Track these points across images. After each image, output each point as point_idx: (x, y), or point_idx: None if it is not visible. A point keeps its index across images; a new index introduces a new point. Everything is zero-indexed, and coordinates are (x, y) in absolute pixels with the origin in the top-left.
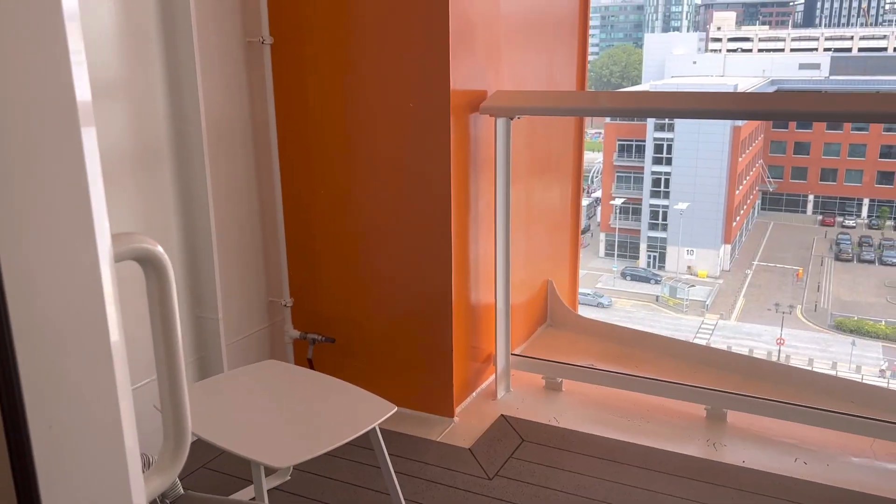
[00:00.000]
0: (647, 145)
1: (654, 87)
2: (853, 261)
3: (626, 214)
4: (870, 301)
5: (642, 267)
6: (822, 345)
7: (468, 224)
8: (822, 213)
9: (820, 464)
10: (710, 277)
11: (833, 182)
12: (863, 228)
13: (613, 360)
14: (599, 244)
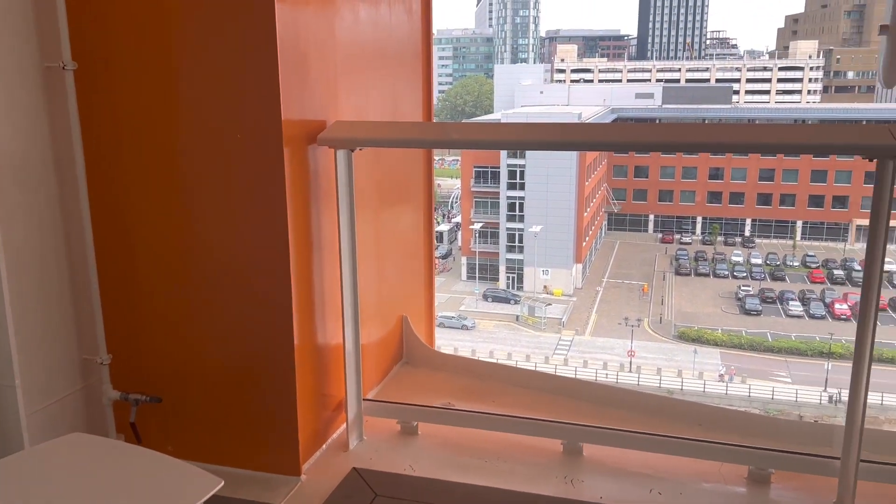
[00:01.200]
0: (501, 171)
1: (506, 116)
2: (691, 274)
3: (486, 238)
4: (707, 311)
5: (502, 288)
6: (668, 354)
7: (311, 260)
8: (661, 232)
9: (674, 493)
10: (564, 295)
11: (670, 202)
12: (698, 244)
13: (471, 396)
14: (461, 268)
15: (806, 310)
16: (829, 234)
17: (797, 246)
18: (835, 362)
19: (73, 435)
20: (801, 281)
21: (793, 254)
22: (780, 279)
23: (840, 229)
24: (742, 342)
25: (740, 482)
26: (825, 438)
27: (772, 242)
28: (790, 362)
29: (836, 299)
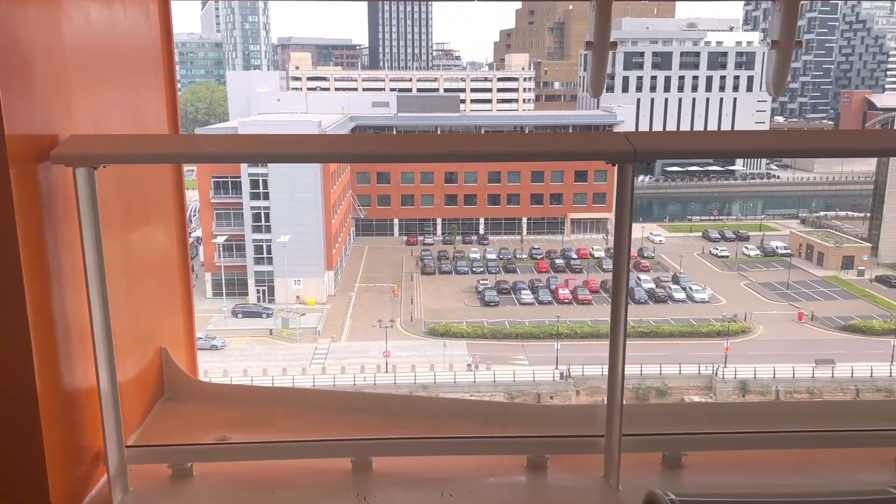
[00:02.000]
0: (243, 181)
1: (243, 124)
2: (436, 273)
3: (231, 251)
4: (452, 306)
5: (253, 303)
6: (420, 351)
7: (50, 294)
8: (406, 234)
9: (464, 493)
10: (318, 304)
11: (412, 206)
12: (440, 244)
13: (249, 426)
14: (206, 284)
15: (536, 297)
16: (549, 228)
17: (524, 240)
18: (562, 342)
19: None
20: (529, 272)
21: (521, 248)
22: (512, 271)
23: (558, 223)
24: (485, 332)
25: (521, 471)
26: (590, 419)
27: (503, 239)
28: (526, 346)
29: (559, 285)
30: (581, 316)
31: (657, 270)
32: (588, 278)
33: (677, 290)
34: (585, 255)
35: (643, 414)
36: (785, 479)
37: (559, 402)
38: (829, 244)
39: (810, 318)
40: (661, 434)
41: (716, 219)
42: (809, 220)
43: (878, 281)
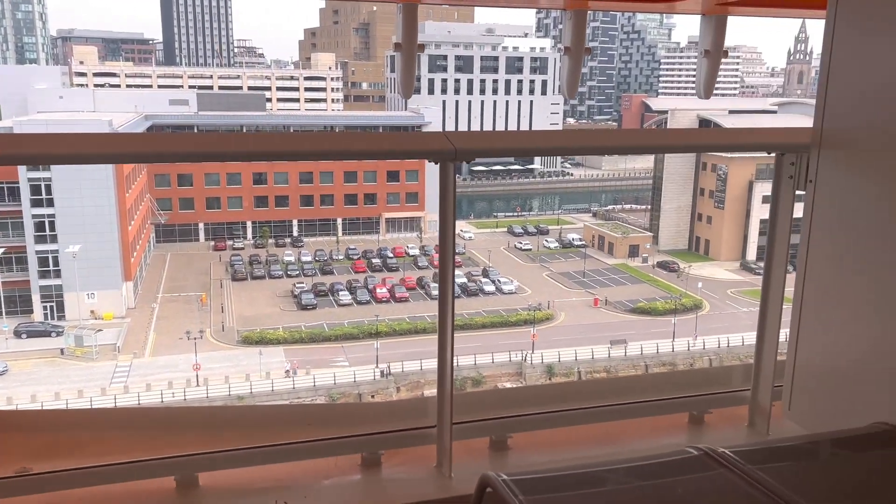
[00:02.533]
0: (21, 187)
1: (20, 124)
2: (248, 279)
3: (10, 265)
4: (267, 312)
5: (39, 321)
6: (234, 361)
7: None
8: (213, 239)
9: (299, 498)
10: (116, 318)
11: (218, 209)
12: (251, 248)
13: (57, 454)
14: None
15: (354, 297)
16: (365, 227)
17: (340, 241)
18: (382, 340)
19: None
20: (346, 272)
21: (337, 249)
22: (329, 273)
23: (373, 223)
24: (303, 336)
25: (356, 470)
26: (421, 411)
27: (318, 240)
28: (346, 347)
29: (377, 284)
30: (399, 313)
31: (468, 265)
32: (404, 276)
33: (487, 283)
34: (401, 254)
35: (470, 402)
36: (599, 451)
37: (389, 398)
38: (618, 234)
39: (604, 303)
40: (487, 419)
41: (519, 215)
42: (600, 214)
43: (659, 266)
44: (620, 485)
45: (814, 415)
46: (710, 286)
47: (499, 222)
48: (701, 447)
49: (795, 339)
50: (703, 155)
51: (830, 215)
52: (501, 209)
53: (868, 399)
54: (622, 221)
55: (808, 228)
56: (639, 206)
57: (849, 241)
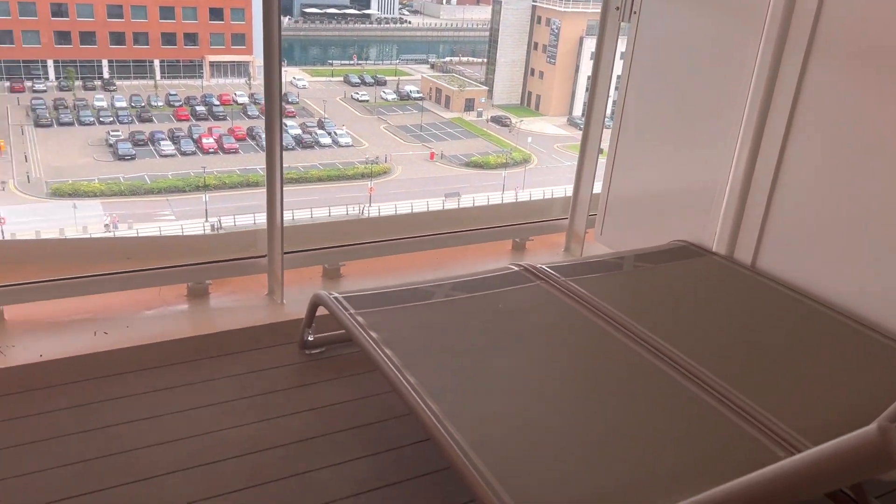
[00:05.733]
0: None
1: None
2: (53, 125)
3: None
4: (80, 162)
5: None
6: (45, 214)
7: None
8: (9, 79)
9: (120, 328)
10: None
11: (12, 45)
12: (55, 91)
13: None
14: None
15: (177, 148)
16: (186, 71)
17: (158, 86)
18: (211, 193)
19: None
20: (168, 120)
21: (156, 94)
22: (148, 121)
23: (195, 67)
24: (122, 188)
25: (181, 300)
26: (249, 243)
27: (133, 84)
28: (171, 200)
29: (203, 134)
30: (229, 165)
31: (303, 116)
32: (233, 125)
33: (323, 135)
34: (228, 102)
35: (302, 233)
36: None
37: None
38: (455, 88)
39: (440, 157)
40: (318, 249)
41: (356, 63)
42: (438, 65)
43: (493, 121)
44: (446, 297)
45: (621, 238)
46: (539, 141)
47: (334, 70)
48: (521, 264)
49: (611, 171)
50: (537, 8)
51: (651, 47)
52: (337, 56)
53: (668, 223)
54: (459, 74)
55: (630, 60)
56: (476, 58)
57: (665, 74)
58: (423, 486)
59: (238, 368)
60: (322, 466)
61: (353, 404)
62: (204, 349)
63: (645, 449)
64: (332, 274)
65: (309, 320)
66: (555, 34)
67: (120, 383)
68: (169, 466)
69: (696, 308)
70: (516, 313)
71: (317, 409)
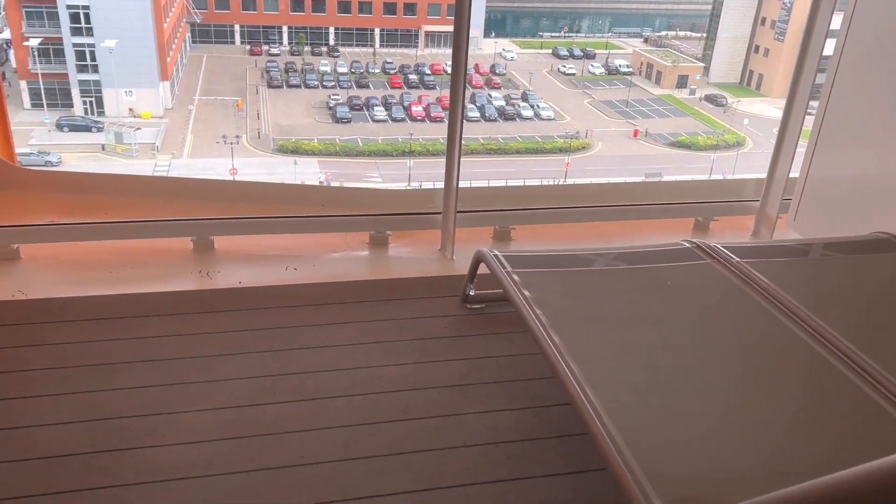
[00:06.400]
0: None
1: None
2: (283, 86)
3: (48, 57)
4: (303, 122)
5: (79, 115)
6: (270, 168)
7: None
8: (249, 43)
9: (307, 265)
10: (154, 118)
11: (254, 11)
12: (287, 55)
13: (80, 211)
14: (22, 94)
15: (389, 114)
16: (403, 40)
17: (377, 53)
18: (415, 159)
19: None
20: (382, 87)
21: (374, 61)
22: (364, 86)
23: (411, 36)
24: (337, 149)
25: (363, 247)
26: (427, 201)
27: (355, 51)
28: (379, 164)
29: (413, 102)
30: (434, 134)
31: (508, 87)
32: (442, 95)
33: (525, 107)
34: (439, 72)
35: (477, 195)
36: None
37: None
38: (668, 63)
39: (644, 135)
40: (492, 210)
41: (565, 36)
42: (652, 39)
43: (706, 100)
44: (607, 266)
45: (816, 226)
46: (756, 123)
47: (544, 42)
48: (694, 241)
49: (811, 154)
50: None
51: (870, 24)
52: (548, 28)
53: (872, 213)
54: (674, 49)
55: (844, 38)
56: (694, 33)
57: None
58: (560, 446)
59: (404, 313)
60: (468, 412)
61: (503, 359)
62: (377, 292)
63: (794, 441)
64: (501, 236)
65: (471, 275)
66: (786, 9)
67: (302, 313)
68: (332, 392)
69: (890, 308)
70: (678, 289)
71: (470, 360)
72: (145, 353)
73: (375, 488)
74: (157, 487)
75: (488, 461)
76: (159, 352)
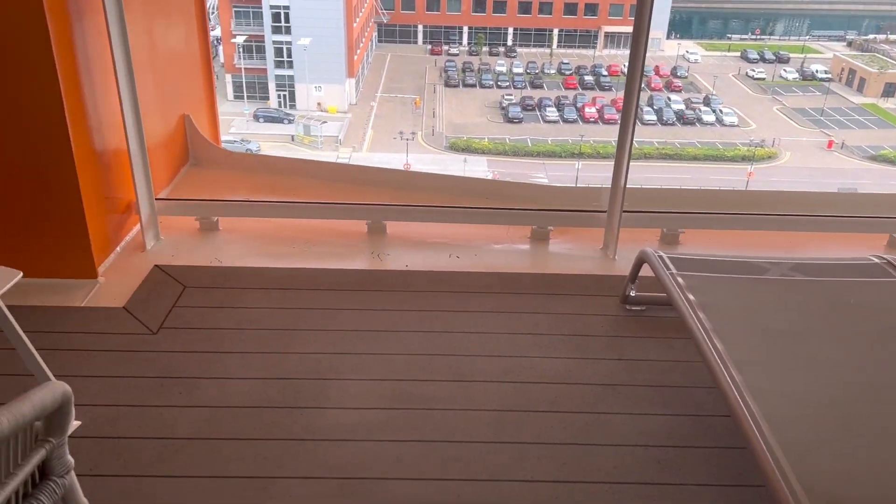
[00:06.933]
0: None
1: None
2: (459, 86)
3: (251, 53)
4: (475, 121)
5: (274, 107)
6: (441, 165)
7: (76, 65)
8: (430, 43)
9: (470, 255)
10: (339, 112)
11: (437, 12)
12: (465, 55)
13: (270, 191)
14: (227, 86)
15: (561, 115)
16: (582, 41)
17: (553, 54)
18: (584, 161)
19: None
20: (556, 88)
21: (550, 62)
22: (538, 87)
23: (590, 36)
24: (506, 149)
25: (524, 241)
26: (592, 199)
27: (532, 51)
28: (547, 164)
29: (587, 103)
30: (606, 136)
31: (689, 91)
32: (617, 97)
33: (707, 112)
34: (616, 73)
35: (645, 196)
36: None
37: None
38: (873, 69)
39: (840, 147)
40: (661, 212)
41: (757, 38)
42: (857, 43)
43: None
44: (781, 275)
45: None
46: None
47: (732, 45)
48: (885, 256)
49: None
50: None
51: None
52: (738, 30)
53: None
54: (882, 54)
55: None
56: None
57: None
58: (714, 457)
59: (561, 308)
60: (619, 412)
61: (661, 364)
62: (535, 286)
63: None
64: (669, 239)
65: (633, 275)
66: None
67: (461, 299)
68: (485, 376)
69: None
70: (861, 306)
71: (624, 361)
72: (320, 323)
73: (521, 473)
74: (321, 445)
75: (636, 462)
76: (332, 322)
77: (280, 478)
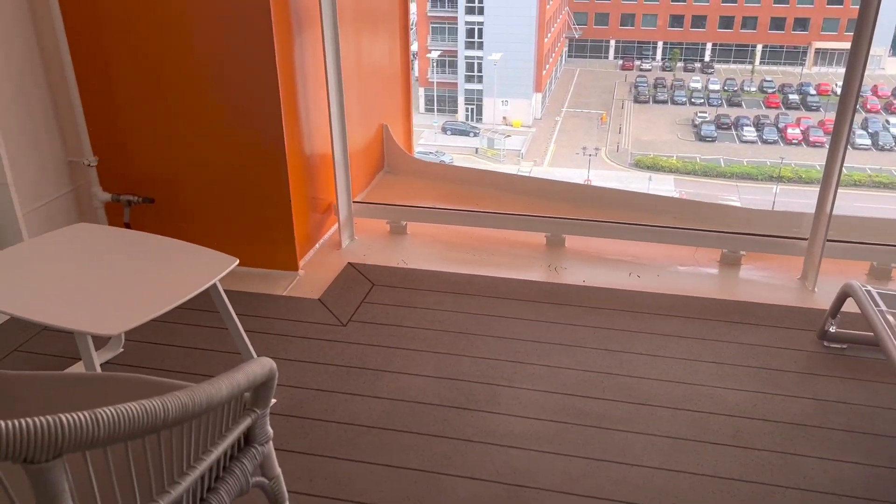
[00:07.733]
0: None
1: None
2: (649, 102)
3: (443, 67)
4: (664, 139)
5: (461, 120)
6: (623, 182)
7: (294, 76)
8: (622, 58)
9: (651, 275)
10: (524, 127)
11: (631, 27)
12: (658, 71)
13: (455, 199)
14: (419, 99)
15: (759, 135)
16: (788, 58)
17: (755, 71)
18: (783, 185)
19: (79, 224)
20: (756, 107)
21: (751, 79)
22: (736, 105)
23: (799, 53)
24: (696, 168)
25: (713, 265)
26: (792, 224)
27: (731, 68)
28: (740, 186)
29: (790, 124)
30: (810, 160)
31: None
32: (824, 118)
33: None
34: (826, 92)
35: (853, 224)
36: None
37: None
38: None
39: None
40: (871, 244)
41: None
42: None
43: None
44: None
45: None
46: None
47: None
48: None
49: None
50: None
51: None
52: None
53: None
54: None
55: None
56: None
57: None
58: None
59: (750, 339)
60: (809, 455)
61: (861, 409)
62: (722, 312)
63: None
64: (879, 274)
65: (834, 310)
66: None
67: (640, 320)
68: (661, 401)
69: None
70: None
71: (820, 401)
72: (495, 330)
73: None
74: (490, 449)
75: None
76: (507, 331)
77: (449, 475)
